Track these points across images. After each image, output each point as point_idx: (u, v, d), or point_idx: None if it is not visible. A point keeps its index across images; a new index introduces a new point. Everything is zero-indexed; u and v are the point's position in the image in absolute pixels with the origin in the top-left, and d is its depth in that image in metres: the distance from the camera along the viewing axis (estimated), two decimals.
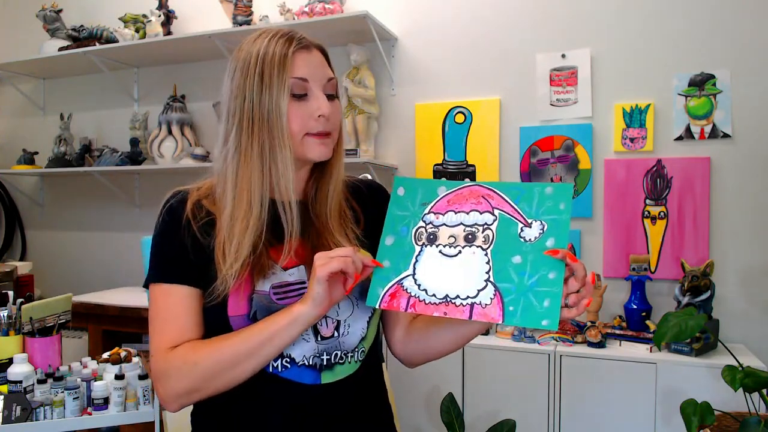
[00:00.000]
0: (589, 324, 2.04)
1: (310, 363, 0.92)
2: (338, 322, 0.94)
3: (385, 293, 0.88)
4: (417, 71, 2.54)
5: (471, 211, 0.89)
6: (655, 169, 2.18)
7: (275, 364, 0.91)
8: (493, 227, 0.87)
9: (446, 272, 0.87)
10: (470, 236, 0.88)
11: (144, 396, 1.55)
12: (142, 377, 1.56)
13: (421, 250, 0.89)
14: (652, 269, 2.18)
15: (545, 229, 0.85)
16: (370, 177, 0.95)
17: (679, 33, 2.17)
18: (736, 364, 1.48)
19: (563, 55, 2.31)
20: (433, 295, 0.86)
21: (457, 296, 0.85)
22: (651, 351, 1.94)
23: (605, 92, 2.26)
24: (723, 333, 2.07)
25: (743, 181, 2.10)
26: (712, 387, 1.77)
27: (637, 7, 2.21)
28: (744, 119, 2.10)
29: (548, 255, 0.83)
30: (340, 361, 0.94)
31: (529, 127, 2.35)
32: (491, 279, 0.85)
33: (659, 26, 2.19)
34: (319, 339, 0.93)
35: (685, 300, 1.98)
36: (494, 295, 0.84)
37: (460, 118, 2.46)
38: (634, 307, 2.08)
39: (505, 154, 2.40)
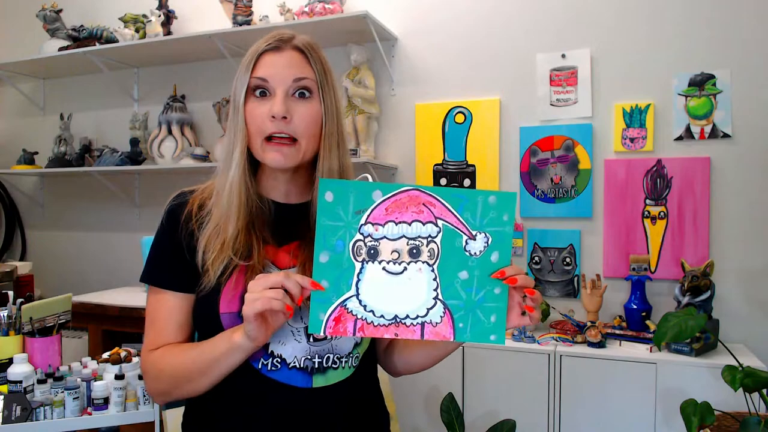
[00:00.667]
0: (589, 324, 2.04)
1: (302, 365, 0.91)
2: None
3: (328, 318, 0.81)
4: (417, 71, 2.54)
5: (413, 221, 0.83)
6: (655, 169, 2.18)
7: (265, 362, 0.91)
8: (438, 240, 0.83)
9: (392, 291, 0.82)
10: (414, 250, 0.83)
11: (144, 396, 1.55)
12: (142, 377, 1.56)
13: (362, 267, 0.82)
14: (652, 269, 2.18)
15: (489, 242, 0.84)
16: (370, 178, 0.93)
17: (679, 33, 2.17)
18: (736, 364, 1.48)
19: (563, 55, 2.31)
20: (381, 316, 0.82)
21: (407, 316, 0.83)
22: (651, 351, 1.94)
23: (605, 92, 2.26)
24: (723, 333, 2.07)
25: (743, 181, 2.10)
26: (712, 387, 1.76)
27: (637, 7, 2.21)
28: (744, 119, 2.10)
29: (492, 268, 0.84)
30: (333, 366, 0.94)
31: (529, 127, 2.35)
32: (440, 297, 0.83)
33: (659, 26, 2.19)
34: (311, 340, 0.92)
35: (685, 300, 1.98)
36: (444, 313, 0.83)
37: (460, 118, 2.46)
38: (634, 307, 2.08)
39: (505, 154, 2.40)
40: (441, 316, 0.83)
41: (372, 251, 0.82)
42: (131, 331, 2.45)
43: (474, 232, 0.84)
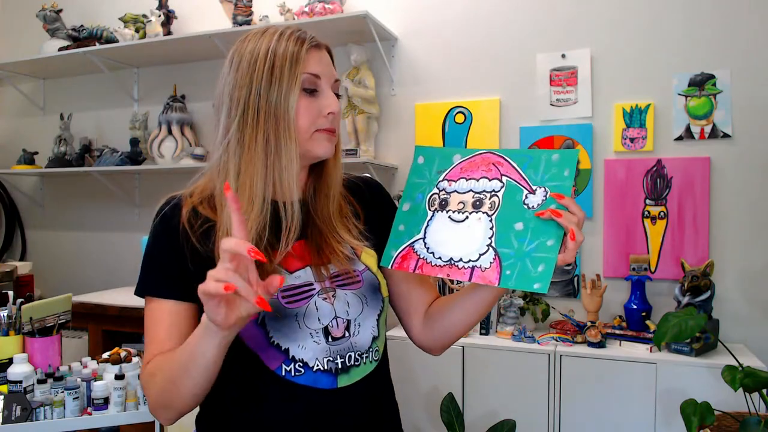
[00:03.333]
0: (589, 324, 2.04)
1: (326, 367, 0.90)
2: (348, 321, 0.93)
3: (397, 255, 0.93)
4: (417, 71, 2.54)
5: (481, 178, 0.92)
6: (655, 169, 2.18)
7: (287, 368, 0.89)
8: (500, 194, 0.89)
9: (453, 236, 0.90)
10: (478, 202, 0.90)
11: (144, 396, 1.55)
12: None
13: (432, 216, 0.93)
14: (652, 269, 2.18)
15: (548, 195, 0.86)
16: (368, 175, 0.95)
17: (679, 33, 2.17)
18: (736, 364, 1.48)
19: (563, 55, 2.31)
20: (439, 258, 0.90)
21: (460, 259, 0.88)
22: (651, 351, 1.94)
23: (605, 92, 2.26)
24: (723, 333, 2.07)
25: (743, 181, 2.10)
26: (712, 387, 1.76)
27: (637, 7, 2.22)
28: (744, 119, 2.10)
29: (548, 221, 0.84)
30: (356, 364, 0.93)
31: (529, 127, 2.35)
32: (493, 244, 0.87)
33: (659, 26, 2.19)
34: (330, 340, 0.91)
35: (685, 300, 1.98)
36: (494, 259, 0.86)
37: (460, 118, 2.46)
38: (634, 307, 2.08)
39: None
40: (490, 262, 0.86)
41: (443, 202, 0.93)
42: (131, 331, 2.45)
43: (534, 187, 0.88)
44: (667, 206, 2.17)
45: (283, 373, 0.89)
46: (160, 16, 2.74)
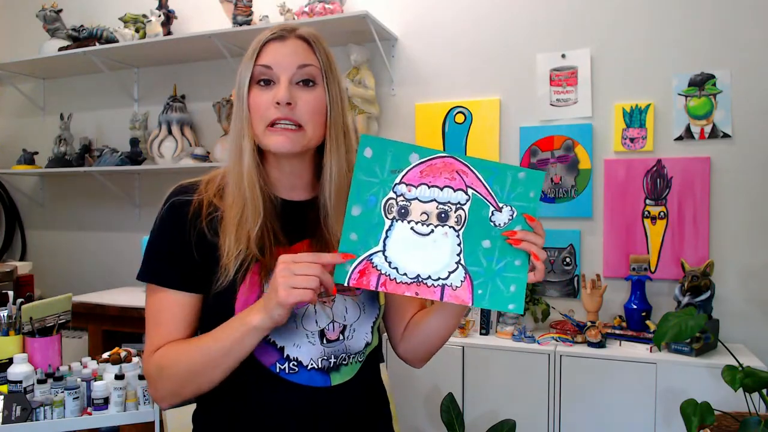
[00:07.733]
0: (589, 324, 2.04)
1: (320, 366, 0.92)
2: (344, 326, 0.94)
3: (353, 270, 0.84)
4: (417, 71, 2.54)
5: (445, 187, 0.85)
6: (655, 169, 2.18)
7: (282, 366, 0.90)
8: (466, 207, 0.85)
9: (418, 251, 0.85)
10: (443, 215, 0.85)
11: (144, 396, 1.55)
12: (142, 377, 1.56)
13: (391, 225, 0.85)
14: (652, 269, 2.18)
15: (514, 216, 0.86)
16: None
17: (679, 33, 2.17)
18: (736, 364, 1.48)
19: (563, 55, 2.31)
20: (405, 274, 0.85)
21: (429, 277, 0.85)
22: (651, 351, 1.94)
23: (605, 92, 2.26)
24: (723, 333, 2.07)
25: (743, 181, 2.10)
26: (712, 387, 1.76)
27: (637, 7, 2.21)
28: (744, 119, 2.10)
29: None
30: (345, 363, 0.94)
31: (529, 127, 2.35)
32: (462, 262, 0.85)
33: (659, 26, 2.19)
34: (324, 342, 0.92)
35: (685, 300, 1.98)
36: (464, 278, 0.85)
37: (460, 118, 2.46)
38: (634, 307, 2.08)
39: (505, 154, 2.40)
40: (461, 281, 0.85)
41: (403, 210, 0.85)
42: (131, 331, 2.45)
43: (501, 204, 0.86)
44: (667, 206, 2.17)
45: (277, 371, 0.90)
46: (160, 16, 2.74)
